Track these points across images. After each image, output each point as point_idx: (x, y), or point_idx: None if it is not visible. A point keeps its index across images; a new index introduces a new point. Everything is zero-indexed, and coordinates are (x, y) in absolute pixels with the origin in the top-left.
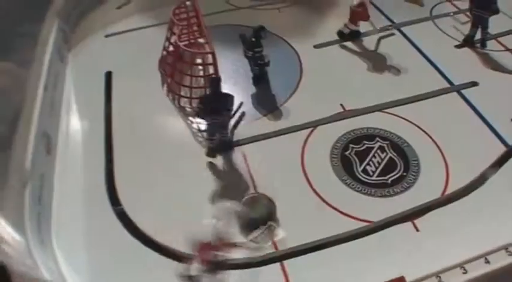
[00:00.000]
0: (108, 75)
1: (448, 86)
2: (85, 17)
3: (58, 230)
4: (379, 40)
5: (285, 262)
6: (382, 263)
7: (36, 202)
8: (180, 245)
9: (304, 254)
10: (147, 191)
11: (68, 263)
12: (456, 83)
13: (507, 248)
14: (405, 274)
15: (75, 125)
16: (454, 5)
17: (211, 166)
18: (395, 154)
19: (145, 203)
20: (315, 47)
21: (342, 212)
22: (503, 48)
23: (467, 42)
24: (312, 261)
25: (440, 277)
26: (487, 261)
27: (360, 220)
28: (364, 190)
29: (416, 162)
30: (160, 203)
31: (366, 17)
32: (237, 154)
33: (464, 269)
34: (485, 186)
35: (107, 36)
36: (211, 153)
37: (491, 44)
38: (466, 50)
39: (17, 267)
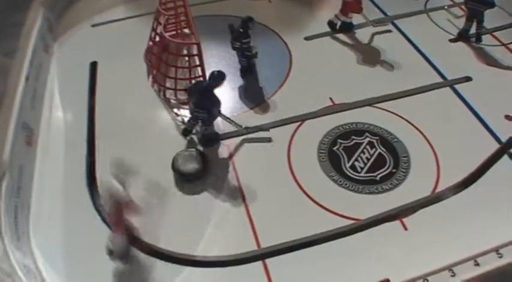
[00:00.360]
0: (94, 66)
1: (441, 80)
2: (71, 6)
3: (36, 224)
4: (373, 35)
5: (267, 260)
6: (368, 263)
7: (14, 194)
8: (160, 241)
9: (287, 252)
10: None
11: (45, 259)
12: (449, 77)
13: (497, 250)
14: (391, 275)
15: (58, 116)
16: None
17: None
18: (384, 150)
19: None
20: (306, 38)
21: (328, 209)
22: (498, 43)
23: (462, 36)
24: (295, 259)
25: (427, 280)
26: (477, 264)
27: (347, 218)
28: (352, 187)
29: (406, 158)
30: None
31: (358, 10)
32: (222, 147)
33: (453, 272)
34: (476, 185)
35: (93, 25)
36: (185, 132)
37: (486, 39)
38: (460, 44)
39: None
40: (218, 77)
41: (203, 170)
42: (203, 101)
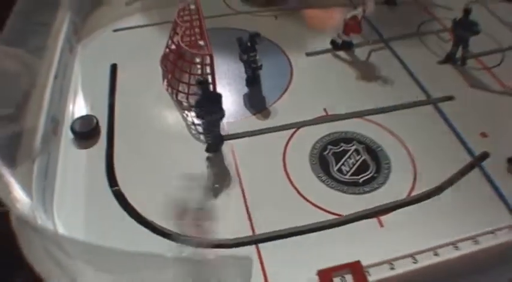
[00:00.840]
0: (114, 68)
1: (426, 98)
2: (95, 10)
3: (60, 205)
4: (370, 52)
5: (260, 245)
6: (345, 251)
7: (42, 178)
8: (168, 223)
9: (278, 239)
10: (142, 174)
11: (66, 233)
12: (434, 96)
13: (454, 244)
14: (363, 260)
15: (81, 111)
16: (441, 24)
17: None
18: (369, 157)
19: (140, 185)
20: (307, 54)
21: (315, 205)
22: (481, 67)
23: (449, 59)
24: (284, 245)
25: (392, 264)
26: (436, 254)
27: (331, 213)
28: (337, 187)
29: (387, 165)
30: (153, 185)
31: (358, 30)
32: (227, 148)
33: (415, 259)
34: (448, 192)
35: (115, 30)
36: (211, 148)
37: (471, 62)
38: (447, 66)
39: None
40: (201, 83)
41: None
42: (207, 107)
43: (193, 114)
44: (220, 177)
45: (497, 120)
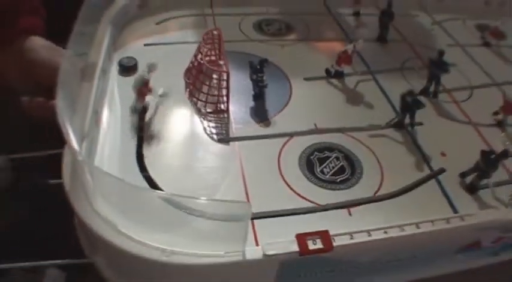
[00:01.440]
0: (137, 111)
1: (400, 123)
2: (129, 26)
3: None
4: (357, 82)
5: (255, 221)
6: (320, 228)
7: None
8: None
9: (269, 217)
10: (168, 162)
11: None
12: (406, 121)
13: (401, 227)
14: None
15: (115, 110)
16: (423, 62)
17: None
18: (346, 163)
19: (166, 172)
20: (305, 79)
21: (300, 195)
22: (451, 100)
23: (424, 92)
24: (274, 223)
25: (352, 235)
26: (385, 232)
27: (311, 202)
28: (319, 184)
29: (360, 171)
30: (177, 171)
31: (349, 62)
32: (234, 147)
33: (370, 233)
34: (406, 196)
35: (145, 45)
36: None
37: (443, 96)
38: (421, 98)
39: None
40: None
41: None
42: None
43: (208, 118)
44: (227, 168)
45: (456, 144)
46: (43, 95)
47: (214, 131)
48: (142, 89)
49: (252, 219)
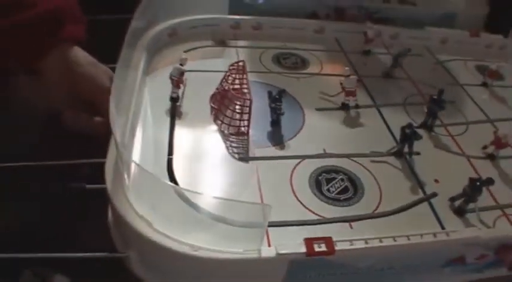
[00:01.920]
0: (173, 100)
1: (399, 152)
2: (160, 52)
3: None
4: (359, 113)
5: (269, 228)
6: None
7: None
8: None
9: (282, 226)
10: (194, 175)
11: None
12: (406, 150)
13: (394, 238)
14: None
15: (149, 123)
16: (424, 99)
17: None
18: (350, 184)
19: (191, 183)
20: (317, 109)
21: (308, 209)
22: (447, 134)
23: (422, 126)
24: (285, 231)
25: (352, 242)
26: (381, 241)
27: (318, 215)
28: (325, 200)
29: (361, 192)
30: (201, 183)
31: (353, 95)
32: (253, 165)
33: (367, 242)
34: (401, 215)
35: None
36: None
37: (440, 130)
38: (420, 131)
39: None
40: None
41: None
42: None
43: (231, 139)
44: (246, 184)
45: (449, 172)
46: (78, 108)
47: (235, 150)
48: (179, 79)
49: (267, 226)
